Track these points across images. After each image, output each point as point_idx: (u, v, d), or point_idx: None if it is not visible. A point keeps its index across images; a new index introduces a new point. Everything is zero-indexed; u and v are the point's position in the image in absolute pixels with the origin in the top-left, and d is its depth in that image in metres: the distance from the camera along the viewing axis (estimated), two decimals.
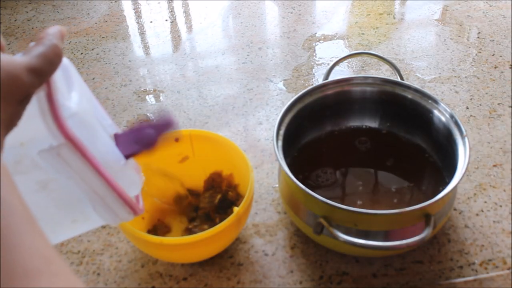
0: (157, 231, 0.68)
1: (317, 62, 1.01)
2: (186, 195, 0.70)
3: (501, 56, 0.99)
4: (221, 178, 0.71)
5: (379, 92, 0.72)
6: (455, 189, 0.58)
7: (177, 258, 0.64)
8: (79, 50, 1.09)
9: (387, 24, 1.12)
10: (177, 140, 0.68)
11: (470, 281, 0.62)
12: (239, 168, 0.67)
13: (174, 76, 1.00)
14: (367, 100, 0.74)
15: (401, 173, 0.70)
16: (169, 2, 1.27)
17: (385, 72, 0.97)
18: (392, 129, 0.75)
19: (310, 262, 0.65)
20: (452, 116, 0.65)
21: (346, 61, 0.97)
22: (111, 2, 1.28)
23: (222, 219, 0.59)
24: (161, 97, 0.95)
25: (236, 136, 0.85)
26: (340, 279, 0.63)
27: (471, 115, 0.85)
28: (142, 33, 1.16)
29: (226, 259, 0.65)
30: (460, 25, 1.10)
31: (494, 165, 0.76)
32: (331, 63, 0.75)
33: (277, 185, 0.74)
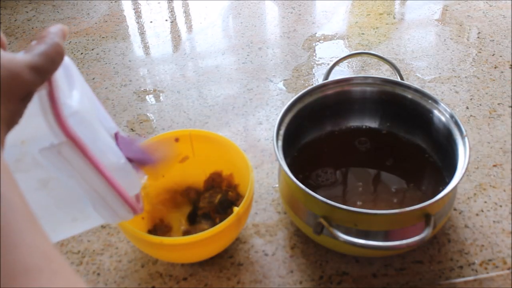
0: (157, 231, 0.68)
1: (317, 62, 1.01)
2: (181, 190, 0.70)
3: (501, 56, 0.99)
4: (221, 178, 0.71)
5: (379, 92, 0.72)
6: (455, 189, 0.58)
7: (177, 258, 0.64)
8: (79, 50, 1.09)
9: (387, 24, 1.12)
10: (177, 140, 0.68)
11: (470, 281, 0.62)
12: (239, 168, 0.67)
13: (174, 76, 1.00)
14: (367, 100, 0.74)
15: (401, 173, 0.70)
16: (169, 2, 1.27)
17: (385, 72, 0.97)
18: (392, 129, 0.75)
19: (310, 262, 0.65)
20: (452, 116, 0.65)
21: (346, 61, 0.97)
22: (111, 2, 1.28)
23: (222, 219, 0.59)
24: (161, 97, 0.95)
25: (236, 136, 0.84)
26: (340, 279, 0.63)
27: (471, 115, 0.85)
28: (142, 33, 1.16)
29: (226, 259, 0.65)
30: (460, 25, 1.10)
31: (494, 165, 0.76)
32: (331, 63, 0.75)
33: (277, 185, 0.74)
